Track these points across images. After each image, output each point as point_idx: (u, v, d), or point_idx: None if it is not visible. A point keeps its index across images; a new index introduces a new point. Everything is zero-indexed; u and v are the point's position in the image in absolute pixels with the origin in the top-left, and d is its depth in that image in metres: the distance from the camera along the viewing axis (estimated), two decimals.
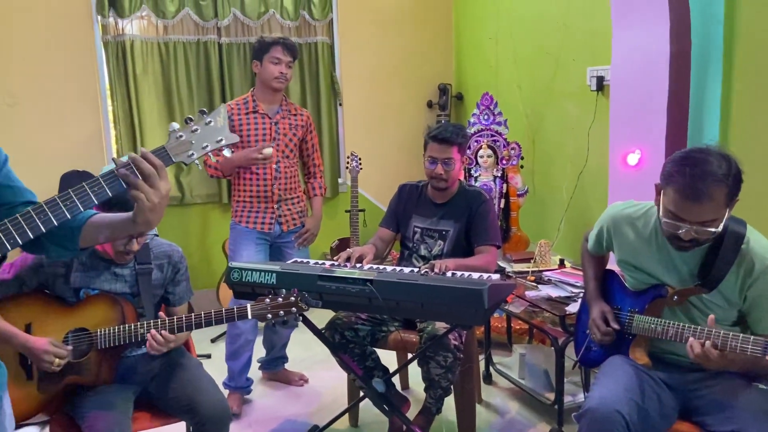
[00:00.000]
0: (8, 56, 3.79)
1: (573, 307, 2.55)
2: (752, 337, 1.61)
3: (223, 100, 4.13)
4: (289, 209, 3.08)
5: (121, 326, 1.93)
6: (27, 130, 3.87)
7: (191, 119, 1.26)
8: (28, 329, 1.90)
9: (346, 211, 3.97)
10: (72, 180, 3.58)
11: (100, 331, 1.92)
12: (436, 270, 2.26)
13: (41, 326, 1.91)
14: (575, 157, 3.44)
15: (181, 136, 1.24)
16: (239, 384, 3.04)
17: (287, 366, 3.34)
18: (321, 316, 2.51)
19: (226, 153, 1.29)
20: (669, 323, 1.82)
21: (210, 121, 1.26)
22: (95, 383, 1.95)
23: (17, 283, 1.93)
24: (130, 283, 2.05)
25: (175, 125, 1.24)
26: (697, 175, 1.63)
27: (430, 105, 4.71)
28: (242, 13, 4.15)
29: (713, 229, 1.67)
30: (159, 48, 4.05)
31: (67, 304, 1.97)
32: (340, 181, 4.58)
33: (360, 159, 3.86)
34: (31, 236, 1.15)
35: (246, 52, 4.18)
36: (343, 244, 4.14)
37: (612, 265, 2.20)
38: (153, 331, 1.90)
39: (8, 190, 1.31)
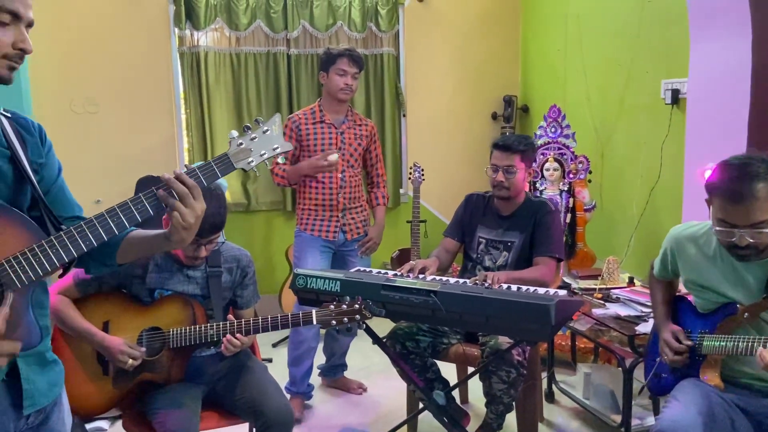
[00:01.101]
0: (92, 66, 4.00)
1: (643, 327, 2.46)
2: None
3: (290, 110, 4.23)
4: (353, 218, 3.11)
5: (192, 327, 2.00)
6: (107, 136, 4.07)
7: (249, 127, 1.30)
8: (106, 327, 1.99)
9: (408, 222, 3.97)
10: (147, 184, 3.73)
11: (172, 331, 1.99)
12: (489, 282, 2.23)
13: (118, 324, 2.00)
14: (647, 172, 3.33)
15: (241, 144, 1.28)
16: (301, 389, 3.07)
17: (346, 374, 3.36)
18: (380, 326, 2.52)
19: (280, 160, 1.35)
20: (738, 338, 1.78)
21: (267, 130, 1.30)
22: (166, 381, 2.02)
23: (97, 282, 2.02)
24: (201, 285, 2.12)
25: (235, 133, 1.29)
26: (737, 176, 1.67)
27: (494, 117, 4.67)
28: (311, 25, 4.24)
29: (767, 230, 1.67)
30: (231, 59, 4.19)
31: (142, 303, 2.05)
32: (401, 191, 4.60)
33: (422, 170, 3.86)
34: (85, 250, 1.19)
35: (313, 63, 4.27)
36: (403, 254, 4.14)
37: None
38: (229, 335, 1.96)
39: (59, 203, 1.33)
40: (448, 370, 2.72)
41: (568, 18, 4.03)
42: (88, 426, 2.59)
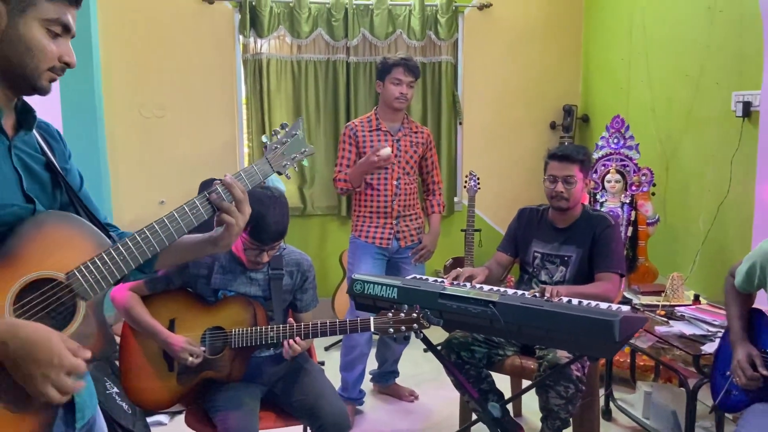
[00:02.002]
0: (161, 72, 4.16)
1: (709, 347, 2.37)
2: None
3: (348, 117, 4.27)
4: (407, 225, 3.11)
5: (253, 328, 2.04)
6: (172, 140, 4.21)
7: (277, 132, 1.35)
8: (171, 324, 2.06)
9: (462, 230, 3.94)
10: (209, 187, 3.84)
11: (234, 331, 2.04)
12: (547, 295, 2.19)
13: (183, 322, 2.06)
14: (715, 186, 3.21)
15: (276, 148, 1.34)
16: (352, 395, 3.09)
17: (398, 381, 3.36)
18: (433, 334, 2.50)
19: (305, 163, 1.40)
20: None
21: (295, 134, 1.36)
22: (227, 380, 2.07)
23: (165, 281, 2.09)
24: (263, 287, 2.16)
25: (266, 138, 1.35)
26: None
27: (553, 126, 4.60)
28: (371, 33, 4.28)
29: None
30: (292, 66, 4.27)
31: (206, 303, 2.11)
32: (455, 199, 4.58)
33: (478, 178, 3.83)
34: (149, 256, 1.19)
35: (372, 71, 4.31)
36: (457, 263, 4.12)
37: (759, 303, 2.03)
38: (290, 340, 1.99)
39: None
40: (502, 382, 2.69)
41: (633, 28, 3.94)
42: (148, 419, 2.67)
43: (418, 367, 3.63)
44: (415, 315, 1.95)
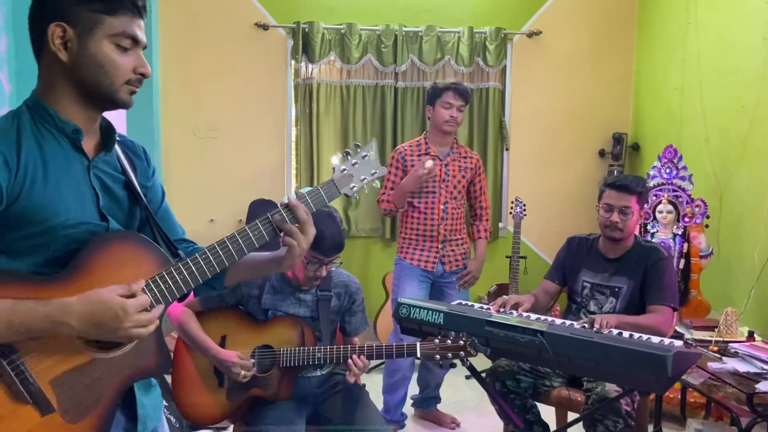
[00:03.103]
0: (215, 94, 4.30)
1: (764, 386, 2.29)
2: None
3: (395, 141, 4.32)
4: (452, 250, 3.12)
5: (301, 348, 2.07)
6: (224, 160, 4.33)
7: (349, 153, 1.34)
8: (223, 340, 2.11)
9: (507, 257, 3.92)
10: (259, 207, 3.94)
11: (283, 350, 2.07)
12: (597, 326, 2.15)
13: (234, 339, 2.11)
14: None
15: (344, 170, 1.33)
16: (394, 418, 3.09)
17: (439, 407, 3.34)
18: (476, 360, 2.49)
19: (376, 184, 1.38)
20: None
21: (365, 155, 1.35)
22: (275, 398, 2.10)
23: (218, 298, 2.15)
24: (312, 307, 2.19)
25: (336, 160, 1.33)
26: None
27: (602, 154, 4.55)
28: (419, 59, 4.34)
29: None
30: (341, 90, 4.36)
31: (257, 321, 2.15)
32: (500, 225, 4.56)
33: (524, 205, 3.81)
34: (209, 276, 1.22)
35: (419, 96, 4.36)
36: (501, 289, 4.09)
37: None
38: (354, 356, 2.01)
39: (165, 225, 1.34)
40: (547, 414, 2.64)
41: (687, 57, 3.89)
42: None
43: (460, 394, 3.59)
44: (462, 342, 1.95)
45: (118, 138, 1.26)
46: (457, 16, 4.40)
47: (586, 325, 2.17)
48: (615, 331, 2.13)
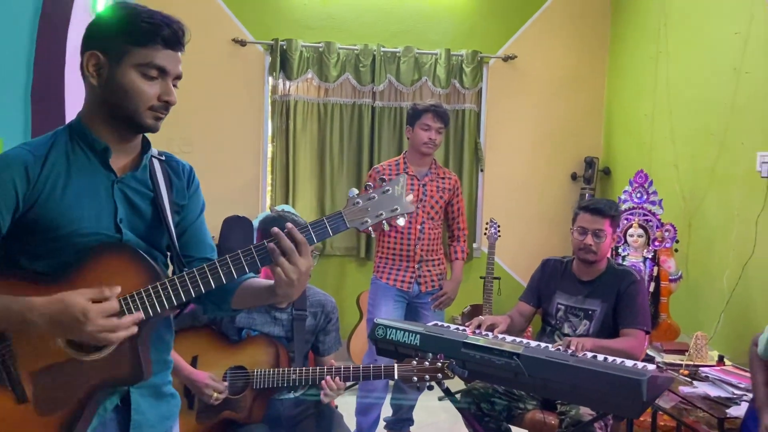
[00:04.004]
0: (191, 108, 4.24)
1: (735, 410, 2.32)
2: None
3: (371, 160, 4.33)
4: (429, 270, 3.11)
5: (276, 369, 2.03)
6: (198, 175, 4.24)
7: (371, 186, 1.25)
8: (194, 360, 2.06)
9: (481, 278, 3.93)
10: (233, 224, 3.89)
11: (257, 372, 2.03)
12: (572, 348, 2.16)
13: (206, 359, 2.06)
14: (739, 246, 3.19)
15: (358, 203, 1.23)
16: None
17: (412, 429, 3.30)
18: (448, 381, 2.47)
19: (400, 222, 1.26)
20: None
21: (387, 190, 1.24)
22: (247, 421, 2.05)
23: (191, 317, 2.10)
24: (286, 327, 2.16)
25: (355, 191, 1.24)
26: None
27: (574, 177, 4.62)
28: (397, 79, 4.37)
29: None
30: (318, 108, 4.35)
31: (230, 341, 2.11)
32: (474, 246, 4.57)
33: (499, 226, 3.83)
34: (193, 296, 1.23)
35: (396, 116, 4.38)
36: (475, 310, 4.09)
37: None
38: (328, 377, 1.98)
39: (195, 242, 1.40)
40: None
41: (658, 85, 3.99)
42: None
43: (433, 416, 3.57)
44: (439, 364, 1.94)
45: (163, 158, 1.36)
46: (435, 38, 4.45)
47: (561, 348, 2.18)
48: (590, 355, 2.15)
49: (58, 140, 1.25)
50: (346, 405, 3.38)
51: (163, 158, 1.37)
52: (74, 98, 2.83)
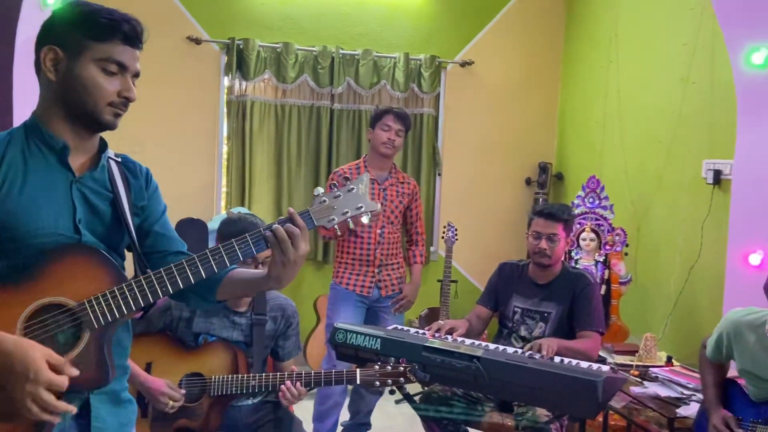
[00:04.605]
0: (141, 107, 4.09)
1: (684, 410, 2.40)
2: None
3: (329, 163, 4.30)
4: (389, 274, 3.11)
5: (234, 376, 1.99)
6: None
7: (336, 185, 1.32)
8: (148, 368, 1.99)
9: (438, 281, 3.95)
10: (187, 227, 3.79)
11: (214, 378, 1.98)
12: (543, 352, 2.20)
13: (161, 366, 2.00)
14: (686, 250, 3.31)
15: (324, 201, 1.28)
16: None
17: None
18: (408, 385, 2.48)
19: (365, 220, 1.31)
20: None
21: (352, 188, 1.30)
22: (203, 429, 2.00)
23: (145, 322, 2.04)
24: (246, 332, 2.12)
25: (320, 190, 1.30)
26: None
27: (528, 182, 4.71)
28: (356, 82, 4.36)
29: None
30: (276, 109, 4.30)
31: (186, 347, 2.06)
32: (432, 249, 4.60)
33: (456, 230, 3.87)
34: (182, 287, 1.23)
35: (355, 119, 4.37)
36: (432, 313, 4.11)
37: (732, 372, 2.08)
38: (288, 382, 1.94)
39: (163, 239, 1.40)
40: None
41: (609, 93, 4.11)
42: None
43: (391, 420, 3.56)
44: (402, 369, 1.94)
45: (119, 160, 1.34)
46: (394, 42, 4.46)
47: (534, 351, 2.21)
48: (557, 359, 2.19)
49: (14, 139, 1.23)
50: (303, 411, 3.34)
51: (120, 159, 1.35)
52: (23, 95, 2.72)
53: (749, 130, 2.72)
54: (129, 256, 1.38)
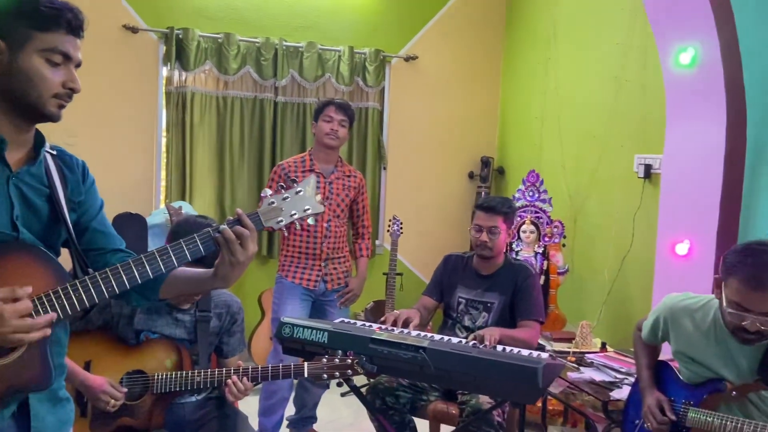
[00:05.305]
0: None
1: (617, 393, 2.52)
2: None
3: (273, 156, 4.26)
4: (335, 268, 3.12)
5: (178, 372, 1.95)
6: None
7: (284, 187, 1.32)
8: (87, 366, 1.93)
9: (384, 274, 3.99)
10: (125, 222, 3.67)
11: (157, 376, 1.94)
12: (487, 342, 2.26)
13: (100, 365, 1.94)
14: (619, 241, 3.46)
15: (272, 203, 1.30)
16: None
17: (315, 426, 3.30)
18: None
19: (310, 221, 1.34)
20: (727, 417, 1.80)
21: (300, 191, 1.31)
22: (146, 427, 1.96)
23: (83, 320, 1.97)
24: (189, 329, 2.08)
25: (268, 191, 1.31)
26: (760, 264, 1.69)
27: (471, 176, 4.80)
28: (300, 75, 4.32)
29: None
30: (217, 101, 4.21)
31: (127, 345, 2.00)
32: (377, 242, 4.63)
33: (401, 223, 3.91)
34: (128, 287, 1.22)
35: (300, 112, 4.34)
36: (378, 306, 4.14)
37: (665, 355, 2.19)
38: (234, 377, 1.92)
39: (101, 236, 1.38)
40: (423, 428, 2.71)
41: (547, 89, 4.24)
42: None
43: (336, 412, 3.58)
44: (349, 361, 1.95)
45: (55, 152, 1.30)
46: (338, 36, 4.45)
47: (477, 340, 2.26)
48: (499, 347, 2.25)
49: None
50: (248, 407, 3.31)
51: (55, 152, 1.32)
52: None
53: (677, 127, 2.86)
54: (64, 252, 1.34)
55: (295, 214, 1.30)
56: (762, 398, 1.82)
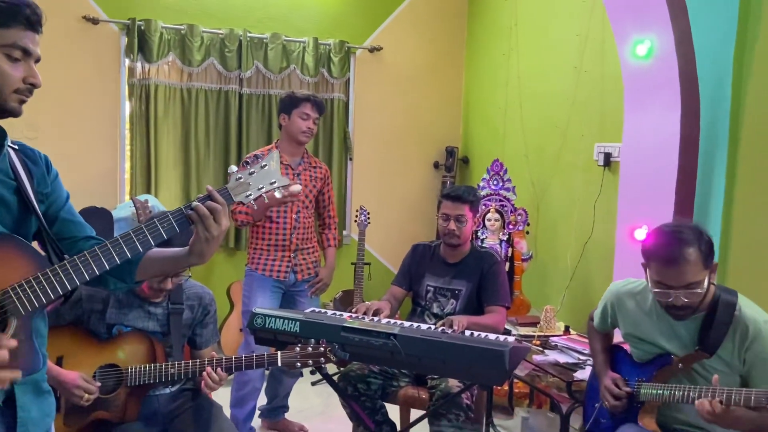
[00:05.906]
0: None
1: (580, 374, 2.62)
2: (755, 389, 1.71)
3: (239, 148, 4.24)
4: (304, 258, 3.15)
5: (152, 365, 1.97)
6: None
7: (248, 163, 1.36)
8: (59, 362, 1.93)
9: (352, 264, 4.03)
10: (90, 216, 3.62)
11: (131, 369, 1.95)
12: (455, 327, 2.33)
13: (72, 359, 1.94)
14: (580, 227, 3.58)
15: (240, 178, 1.33)
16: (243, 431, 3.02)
17: (287, 415, 3.33)
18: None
19: (277, 194, 1.38)
20: (674, 387, 1.92)
21: (265, 165, 1.36)
22: (121, 420, 1.97)
23: (54, 315, 1.96)
24: (162, 321, 2.09)
25: (234, 168, 1.35)
26: (671, 242, 1.84)
27: (436, 166, 4.87)
28: (264, 66, 4.31)
29: (699, 290, 1.83)
30: (181, 93, 4.17)
31: (99, 339, 2.00)
32: (345, 233, 4.67)
33: (368, 213, 3.95)
34: (107, 268, 1.24)
35: (264, 104, 4.33)
36: (347, 295, 4.19)
37: (616, 339, 2.30)
38: (209, 368, 1.94)
39: (71, 225, 1.40)
40: (394, 413, 2.77)
41: (510, 80, 4.33)
42: None
43: (307, 401, 3.62)
44: (322, 349, 1.99)
45: (16, 146, 1.31)
46: (302, 27, 4.45)
47: (446, 327, 2.33)
48: (467, 332, 2.32)
49: None
50: (220, 398, 3.33)
51: (17, 147, 1.33)
52: None
53: (634, 116, 2.97)
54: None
55: (262, 187, 1.34)
56: (705, 366, 1.94)
